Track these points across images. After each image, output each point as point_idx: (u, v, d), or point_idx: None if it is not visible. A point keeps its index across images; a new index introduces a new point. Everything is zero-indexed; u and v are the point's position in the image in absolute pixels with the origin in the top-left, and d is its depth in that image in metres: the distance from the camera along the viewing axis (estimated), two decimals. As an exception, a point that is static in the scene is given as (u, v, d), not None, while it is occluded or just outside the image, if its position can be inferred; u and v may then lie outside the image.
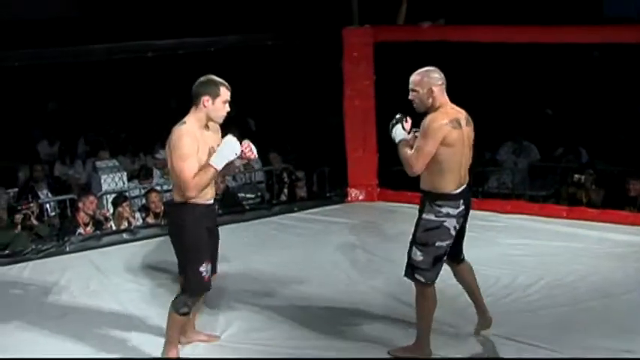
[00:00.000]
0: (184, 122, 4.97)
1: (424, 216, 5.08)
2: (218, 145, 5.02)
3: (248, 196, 9.85)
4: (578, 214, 8.47)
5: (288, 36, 9.61)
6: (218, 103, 4.98)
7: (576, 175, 9.16)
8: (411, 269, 5.14)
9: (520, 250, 7.43)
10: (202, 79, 5.06)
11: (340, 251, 7.60)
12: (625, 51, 9.83)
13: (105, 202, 9.04)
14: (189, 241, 5.03)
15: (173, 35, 9.05)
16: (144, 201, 9.08)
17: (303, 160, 10.58)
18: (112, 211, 8.76)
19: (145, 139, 11.72)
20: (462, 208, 5.04)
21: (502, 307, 5.93)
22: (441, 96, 5.02)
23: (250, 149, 5.13)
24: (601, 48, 11.11)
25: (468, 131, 5.05)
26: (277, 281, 6.69)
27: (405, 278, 5.23)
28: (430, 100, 4.99)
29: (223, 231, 5.62)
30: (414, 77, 5.07)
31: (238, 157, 5.09)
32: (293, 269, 7.06)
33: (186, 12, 13.21)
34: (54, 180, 10.59)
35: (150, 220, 8.70)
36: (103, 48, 8.52)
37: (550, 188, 9.89)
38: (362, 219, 8.70)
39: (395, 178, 9.31)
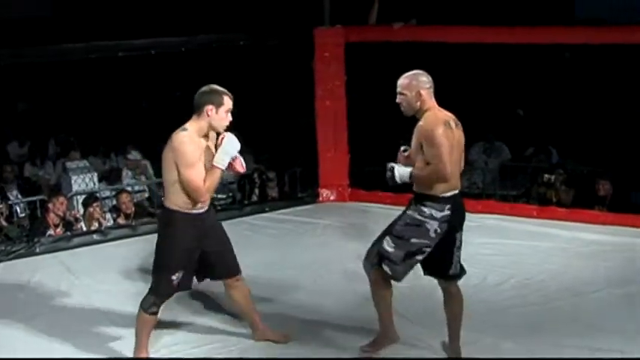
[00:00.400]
0: (185, 129, 4.97)
1: (408, 212, 5.07)
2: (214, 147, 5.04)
3: (219, 196, 9.82)
4: (549, 213, 8.52)
5: (259, 36, 9.60)
6: (221, 113, 4.99)
7: (546, 175, 9.22)
8: (379, 258, 5.10)
9: (490, 249, 7.47)
10: (205, 88, 5.06)
11: (312, 252, 7.61)
12: (596, 52, 9.92)
13: (75, 203, 8.99)
14: (169, 249, 5.08)
15: (146, 35, 9.02)
16: (114, 202, 9.04)
17: (274, 161, 10.58)
18: (82, 212, 8.72)
19: (116, 140, 11.66)
20: (447, 212, 4.97)
21: (472, 306, 5.90)
22: (430, 99, 5.01)
23: (241, 164, 5.16)
24: (572, 49, 11.20)
25: (458, 134, 5.03)
26: (250, 282, 6.63)
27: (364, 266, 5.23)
28: (418, 104, 4.98)
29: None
30: (402, 80, 5.04)
31: (227, 169, 5.09)
32: (265, 270, 7.04)
33: (159, 12, 13.18)
34: (24, 181, 10.52)
35: (121, 220, 8.67)
36: (76, 47, 8.47)
37: (521, 188, 9.94)
38: (333, 219, 8.70)
39: (366, 178, 9.37)
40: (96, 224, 8.45)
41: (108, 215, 8.76)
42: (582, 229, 8.02)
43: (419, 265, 5.17)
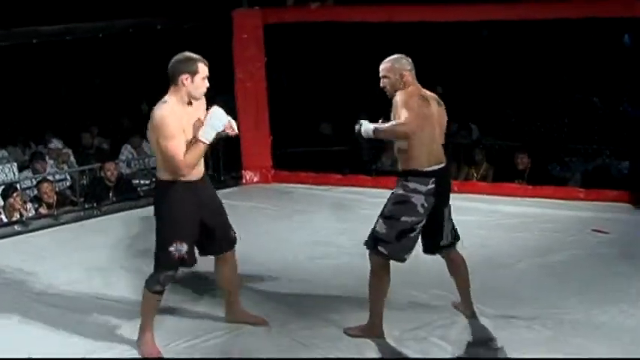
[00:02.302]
0: (165, 101, 4.88)
1: (394, 191, 5.12)
2: (204, 118, 4.94)
3: (142, 182, 9.76)
4: (470, 187, 8.67)
5: (177, 19, 9.53)
6: (197, 80, 4.90)
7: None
8: (374, 241, 5.11)
9: (414, 225, 7.53)
10: (178, 56, 4.96)
11: (239, 234, 7.57)
12: (512, 29, 10.07)
13: (-5, 194, 8.83)
14: (164, 219, 4.98)
15: (61, 21, 8.87)
16: (35, 192, 8.91)
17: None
18: (2, 203, 8.57)
19: (35, 129, 11.48)
20: (431, 186, 5.02)
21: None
22: (412, 81, 5.11)
23: (231, 127, 5.08)
24: (490, 26, 11.35)
25: (439, 110, 5.14)
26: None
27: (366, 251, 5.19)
28: (402, 86, 5.06)
29: (119, 219, 5.32)
30: (383, 65, 5.13)
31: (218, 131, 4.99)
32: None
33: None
34: (-61, 174, 10.28)
35: (42, 210, 8.55)
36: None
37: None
38: (257, 201, 8.71)
39: (289, 159, 9.39)
40: (17, 215, 8.31)
41: (29, 205, 8.63)
42: (503, 202, 8.19)
43: None
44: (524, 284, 6.09)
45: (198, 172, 5.01)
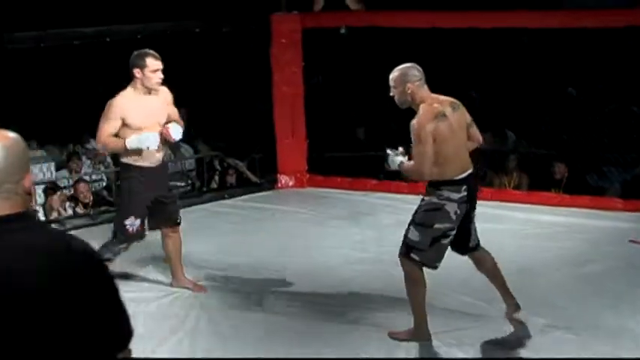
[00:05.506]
0: (125, 88, 5.69)
1: (425, 198, 5.11)
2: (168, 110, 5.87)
3: (178, 184, 9.80)
4: (505, 196, 8.60)
5: (216, 23, 9.57)
6: (147, 73, 5.61)
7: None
8: (406, 248, 5.11)
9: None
10: (135, 52, 5.70)
11: (271, 238, 7.61)
12: (553, 36, 10.00)
13: (32, 193, 8.88)
14: (121, 195, 5.91)
15: (101, 23, 8.95)
16: (72, 191, 8.98)
17: (232, 148, 10.56)
18: (42, 200, 8.64)
19: (73, 128, 11.54)
20: (463, 193, 5.03)
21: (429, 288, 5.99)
22: (420, 92, 5.04)
23: (169, 134, 5.73)
24: (530, 33, 11.27)
25: (457, 117, 5.07)
26: (210, 268, 6.68)
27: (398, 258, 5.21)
28: (409, 98, 5.03)
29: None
30: (392, 74, 5.10)
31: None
32: (225, 256, 7.03)
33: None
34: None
35: (79, 210, 8.61)
36: (30, 35, 8.40)
37: (478, 171, 9.96)
38: (292, 205, 8.71)
39: (324, 164, 9.38)
40: (55, 214, 8.38)
41: (66, 204, 8.69)
42: (538, 211, 8.11)
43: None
44: (559, 293, 6.03)
45: (151, 160, 5.70)
